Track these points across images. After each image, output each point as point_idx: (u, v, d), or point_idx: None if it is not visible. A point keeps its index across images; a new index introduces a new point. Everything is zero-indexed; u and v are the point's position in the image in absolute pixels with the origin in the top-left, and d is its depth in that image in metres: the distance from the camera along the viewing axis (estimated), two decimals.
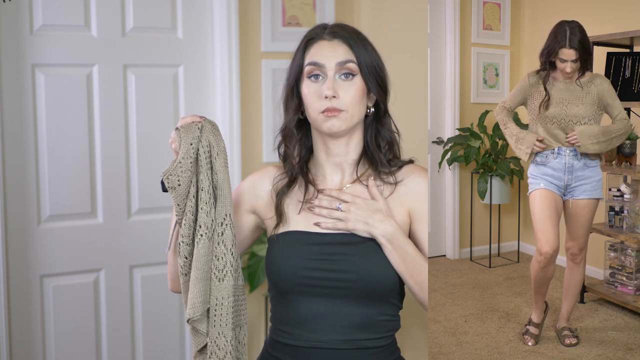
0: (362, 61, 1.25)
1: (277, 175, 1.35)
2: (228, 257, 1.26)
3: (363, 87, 1.26)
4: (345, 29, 1.28)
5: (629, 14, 3.71)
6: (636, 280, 3.40)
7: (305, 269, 1.23)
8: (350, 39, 1.26)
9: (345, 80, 1.24)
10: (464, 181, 4.64)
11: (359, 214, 1.24)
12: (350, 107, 1.24)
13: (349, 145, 1.30)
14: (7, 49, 2.22)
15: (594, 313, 3.44)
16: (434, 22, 4.48)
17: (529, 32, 4.73)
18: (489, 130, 4.48)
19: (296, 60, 1.29)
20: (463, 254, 4.70)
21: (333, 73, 1.24)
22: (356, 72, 1.25)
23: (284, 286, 1.25)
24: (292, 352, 1.26)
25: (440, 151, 4.49)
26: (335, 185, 1.31)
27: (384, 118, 1.31)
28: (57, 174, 2.31)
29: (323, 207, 1.27)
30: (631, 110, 3.52)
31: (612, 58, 3.52)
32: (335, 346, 1.22)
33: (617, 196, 3.43)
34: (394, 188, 1.29)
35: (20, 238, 2.28)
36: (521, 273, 4.25)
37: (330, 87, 1.22)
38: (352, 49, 1.25)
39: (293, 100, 1.29)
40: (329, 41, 1.26)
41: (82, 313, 2.39)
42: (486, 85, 4.67)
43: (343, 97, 1.23)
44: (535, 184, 2.89)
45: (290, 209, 1.30)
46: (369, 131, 1.31)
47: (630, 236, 3.30)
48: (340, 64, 1.24)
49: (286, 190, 1.32)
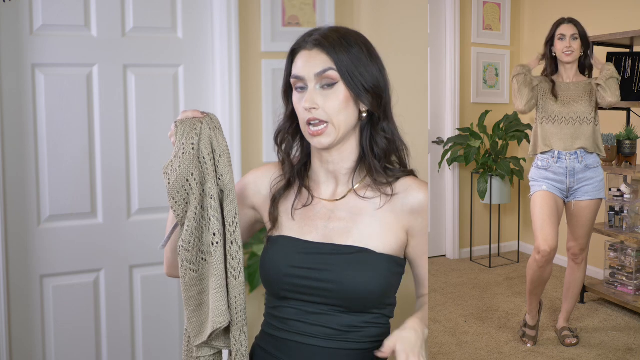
0: (343, 67, 1.20)
1: (276, 177, 1.34)
2: (240, 254, 1.25)
3: (346, 94, 1.21)
4: (327, 36, 1.23)
5: (629, 13, 3.71)
6: (636, 280, 3.40)
7: (289, 275, 1.24)
8: (330, 46, 1.21)
9: (326, 89, 1.21)
10: (464, 181, 4.64)
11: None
12: (334, 116, 1.21)
13: (342, 154, 1.27)
14: (7, 49, 2.22)
15: (594, 313, 3.44)
16: (434, 22, 4.48)
17: (529, 32, 4.73)
18: (489, 130, 4.48)
19: (285, 70, 1.28)
20: (463, 254, 4.70)
21: (314, 84, 1.21)
22: (337, 80, 1.21)
23: (270, 288, 1.30)
24: (275, 344, 1.29)
25: (440, 151, 4.49)
26: (329, 195, 1.29)
27: (378, 124, 1.26)
28: (57, 174, 2.31)
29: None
30: (631, 110, 3.53)
31: (612, 58, 3.52)
32: (316, 344, 1.24)
33: (617, 196, 3.43)
34: (390, 199, 1.25)
35: (20, 238, 2.28)
36: (521, 273, 4.25)
37: (308, 99, 1.21)
38: (331, 56, 1.20)
39: (288, 108, 1.30)
40: (309, 51, 1.22)
41: (82, 313, 2.39)
42: (486, 85, 4.67)
43: (324, 106, 1.21)
44: (537, 186, 2.89)
45: (284, 213, 1.30)
46: (364, 137, 1.26)
47: (630, 236, 3.30)
48: (318, 75, 1.21)
49: (282, 193, 1.32)
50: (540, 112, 2.89)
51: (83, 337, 2.39)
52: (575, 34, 2.78)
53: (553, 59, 2.88)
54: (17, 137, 2.26)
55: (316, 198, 1.29)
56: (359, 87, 1.22)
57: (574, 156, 2.80)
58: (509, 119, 4.43)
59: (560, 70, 2.88)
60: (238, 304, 1.25)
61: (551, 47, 2.87)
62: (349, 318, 1.23)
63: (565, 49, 2.79)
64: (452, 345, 3.04)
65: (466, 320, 3.36)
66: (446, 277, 4.18)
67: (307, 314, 1.24)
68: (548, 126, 2.83)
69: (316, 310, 1.24)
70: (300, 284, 1.22)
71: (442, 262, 4.56)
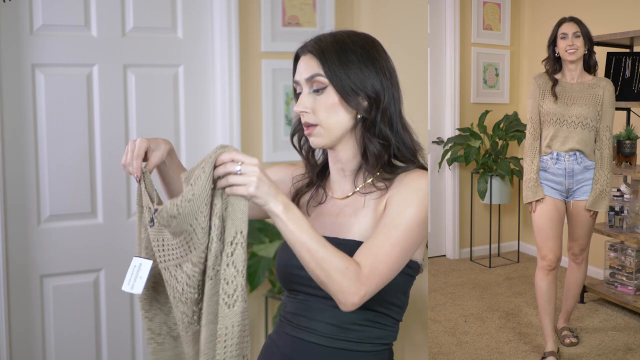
0: (332, 73, 1.22)
1: (297, 176, 1.40)
2: (239, 279, 1.11)
3: (336, 98, 1.23)
4: (321, 41, 1.25)
5: (629, 13, 3.71)
6: (636, 280, 3.40)
7: (297, 267, 1.24)
8: (321, 51, 1.23)
9: (317, 94, 1.24)
10: (464, 181, 4.64)
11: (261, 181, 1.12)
12: (324, 120, 1.24)
13: (346, 153, 1.29)
14: (7, 49, 2.22)
15: (594, 313, 3.44)
16: (434, 22, 4.48)
17: (529, 32, 4.72)
18: (489, 130, 4.48)
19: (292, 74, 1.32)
20: (463, 254, 4.70)
21: (307, 89, 1.25)
22: (326, 84, 1.23)
23: (281, 281, 1.35)
24: (279, 338, 1.32)
25: (440, 151, 4.49)
26: (340, 193, 1.33)
27: (372, 128, 1.25)
28: (57, 174, 2.31)
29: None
30: (631, 110, 3.52)
31: (612, 58, 3.52)
32: (317, 341, 1.25)
33: (617, 196, 3.43)
34: (387, 192, 1.25)
35: (20, 238, 2.28)
36: (521, 273, 4.25)
37: (300, 103, 1.25)
38: (321, 61, 1.23)
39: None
40: (304, 56, 1.26)
41: (82, 313, 2.39)
42: (486, 85, 4.67)
43: (313, 110, 1.24)
44: None
45: (301, 209, 1.31)
46: (362, 140, 1.27)
47: (630, 236, 3.30)
48: (308, 80, 1.24)
49: (303, 191, 1.38)
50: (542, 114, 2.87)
51: (83, 337, 2.39)
52: (578, 32, 2.74)
53: (556, 60, 2.84)
54: (17, 137, 2.26)
55: (330, 196, 1.34)
56: (348, 91, 1.23)
57: (572, 158, 2.77)
58: (509, 119, 4.43)
59: (564, 70, 2.84)
60: (231, 337, 1.10)
61: (554, 47, 2.83)
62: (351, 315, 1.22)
63: (568, 47, 2.75)
64: (452, 345, 3.04)
65: (466, 320, 3.36)
66: (446, 277, 4.18)
67: (312, 309, 1.26)
68: (548, 127, 2.81)
69: (321, 305, 1.25)
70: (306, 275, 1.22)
71: (442, 262, 4.56)
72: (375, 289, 1.15)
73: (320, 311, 1.25)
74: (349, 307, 1.14)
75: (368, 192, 1.28)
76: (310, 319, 1.26)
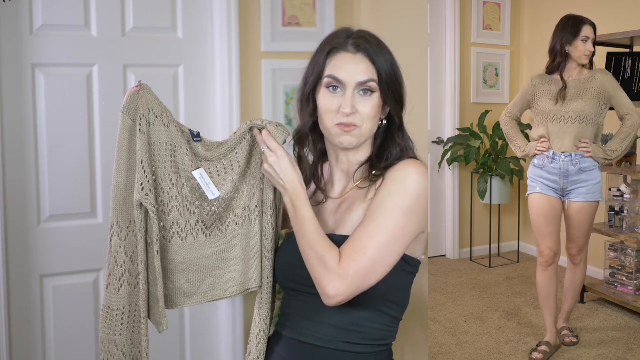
0: (383, 78, 1.24)
1: None
2: (275, 237, 1.32)
3: (380, 103, 1.25)
4: (369, 41, 1.25)
5: (629, 13, 3.71)
6: (636, 280, 3.40)
7: (296, 267, 1.25)
8: (374, 53, 1.23)
9: (363, 96, 1.23)
10: (464, 181, 4.64)
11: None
12: (366, 122, 1.24)
13: (357, 155, 1.30)
14: (7, 49, 2.22)
15: (594, 313, 3.44)
16: (434, 22, 4.48)
17: (529, 32, 4.73)
18: (489, 130, 4.48)
19: (317, 66, 1.26)
20: (463, 254, 4.70)
21: (352, 89, 1.23)
22: (375, 90, 1.24)
23: (280, 282, 1.34)
24: (277, 340, 1.32)
25: (440, 151, 4.49)
26: (339, 192, 1.33)
27: (396, 132, 1.29)
28: (57, 174, 2.31)
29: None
30: None
31: (612, 58, 3.52)
32: (315, 343, 1.24)
33: (617, 196, 3.43)
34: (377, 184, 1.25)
35: (20, 238, 2.28)
36: (521, 273, 4.25)
37: (349, 104, 1.22)
38: (375, 65, 1.23)
39: (309, 106, 1.28)
40: (353, 54, 1.24)
41: (82, 313, 2.39)
42: (486, 85, 4.67)
43: (360, 112, 1.23)
44: (532, 187, 2.89)
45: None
46: (377, 142, 1.30)
47: (630, 236, 3.30)
48: (361, 84, 1.23)
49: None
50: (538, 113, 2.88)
51: (83, 337, 2.39)
52: (594, 37, 2.80)
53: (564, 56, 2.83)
54: (17, 137, 2.26)
55: (329, 197, 1.34)
56: (391, 98, 1.26)
57: (568, 158, 2.77)
58: None
59: (567, 69, 2.84)
60: (269, 288, 1.34)
61: (568, 45, 2.81)
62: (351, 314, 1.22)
63: (587, 51, 2.78)
64: (452, 345, 3.04)
65: (466, 320, 3.36)
66: (446, 277, 4.18)
67: (311, 310, 1.25)
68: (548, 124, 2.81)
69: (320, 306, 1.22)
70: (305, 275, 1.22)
71: (442, 262, 4.56)
72: (355, 281, 1.14)
73: (319, 312, 1.24)
74: (326, 300, 1.15)
75: (363, 187, 1.29)
76: (309, 320, 1.26)
